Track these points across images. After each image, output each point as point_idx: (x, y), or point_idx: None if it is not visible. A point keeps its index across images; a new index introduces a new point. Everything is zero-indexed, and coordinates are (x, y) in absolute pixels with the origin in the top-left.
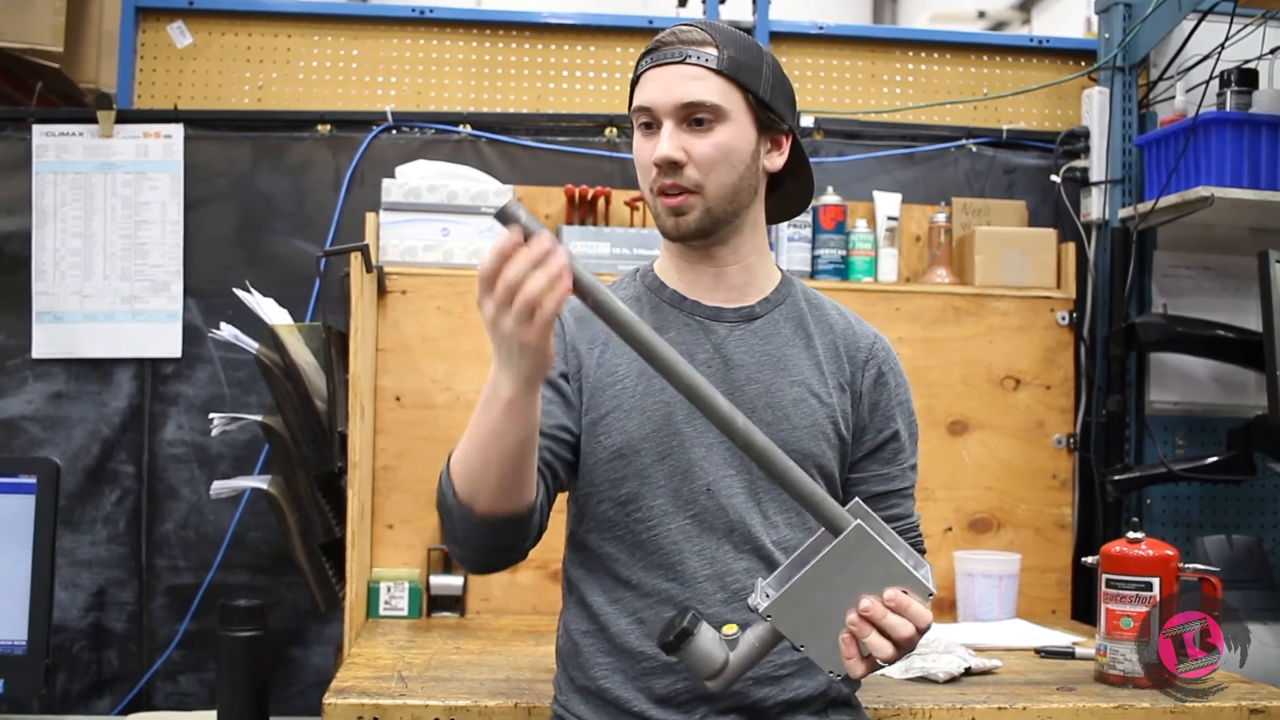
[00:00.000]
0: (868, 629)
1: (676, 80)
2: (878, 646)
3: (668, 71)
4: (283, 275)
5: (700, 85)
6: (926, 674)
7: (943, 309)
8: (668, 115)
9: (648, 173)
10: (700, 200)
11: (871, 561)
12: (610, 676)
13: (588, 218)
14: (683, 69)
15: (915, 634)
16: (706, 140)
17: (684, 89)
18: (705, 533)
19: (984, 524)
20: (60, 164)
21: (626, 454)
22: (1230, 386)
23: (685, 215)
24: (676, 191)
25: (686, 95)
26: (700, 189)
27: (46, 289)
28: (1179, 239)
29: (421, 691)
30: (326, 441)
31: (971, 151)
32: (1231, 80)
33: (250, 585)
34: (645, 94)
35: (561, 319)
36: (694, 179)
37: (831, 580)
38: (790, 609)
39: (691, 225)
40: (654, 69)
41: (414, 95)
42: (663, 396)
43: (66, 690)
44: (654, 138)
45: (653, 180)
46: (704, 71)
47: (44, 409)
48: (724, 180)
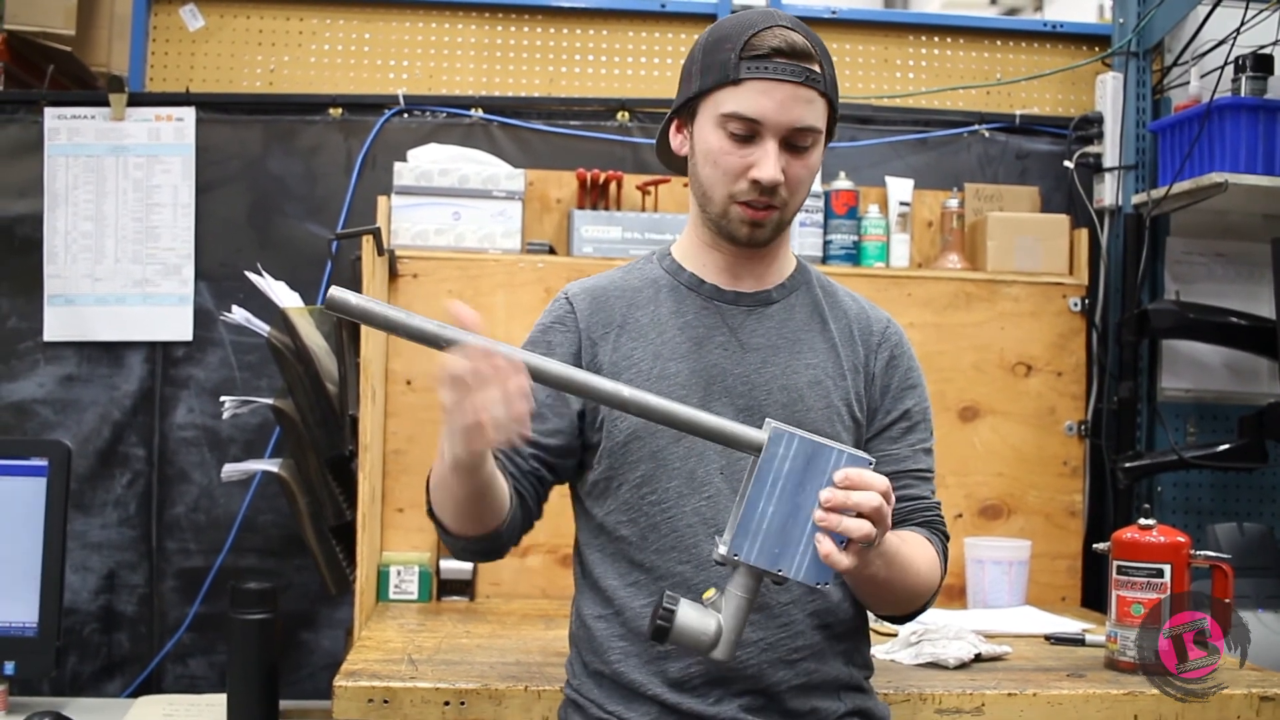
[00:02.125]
0: (836, 517)
1: (793, 101)
2: (854, 528)
3: (783, 89)
4: (294, 258)
5: (813, 110)
6: (937, 660)
7: (955, 295)
8: (776, 134)
9: (733, 179)
10: (780, 215)
11: (802, 458)
12: (625, 660)
13: (599, 202)
14: (800, 90)
15: (881, 501)
16: (802, 163)
17: (800, 113)
18: (720, 515)
19: (994, 510)
20: (72, 147)
21: (641, 437)
22: (1242, 374)
23: (763, 228)
24: (765, 207)
25: (802, 120)
26: (784, 206)
27: (58, 272)
28: (1192, 225)
29: (432, 674)
30: (338, 425)
31: (984, 137)
32: (1246, 66)
33: (260, 568)
34: (754, 105)
35: (575, 306)
36: (784, 198)
37: (775, 494)
38: (751, 541)
39: (767, 236)
40: (769, 81)
41: (426, 79)
42: (678, 380)
43: (77, 672)
44: (748, 146)
45: (740, 190)
46: (816, 95)
47: (55, 392)
48: (803, 197)
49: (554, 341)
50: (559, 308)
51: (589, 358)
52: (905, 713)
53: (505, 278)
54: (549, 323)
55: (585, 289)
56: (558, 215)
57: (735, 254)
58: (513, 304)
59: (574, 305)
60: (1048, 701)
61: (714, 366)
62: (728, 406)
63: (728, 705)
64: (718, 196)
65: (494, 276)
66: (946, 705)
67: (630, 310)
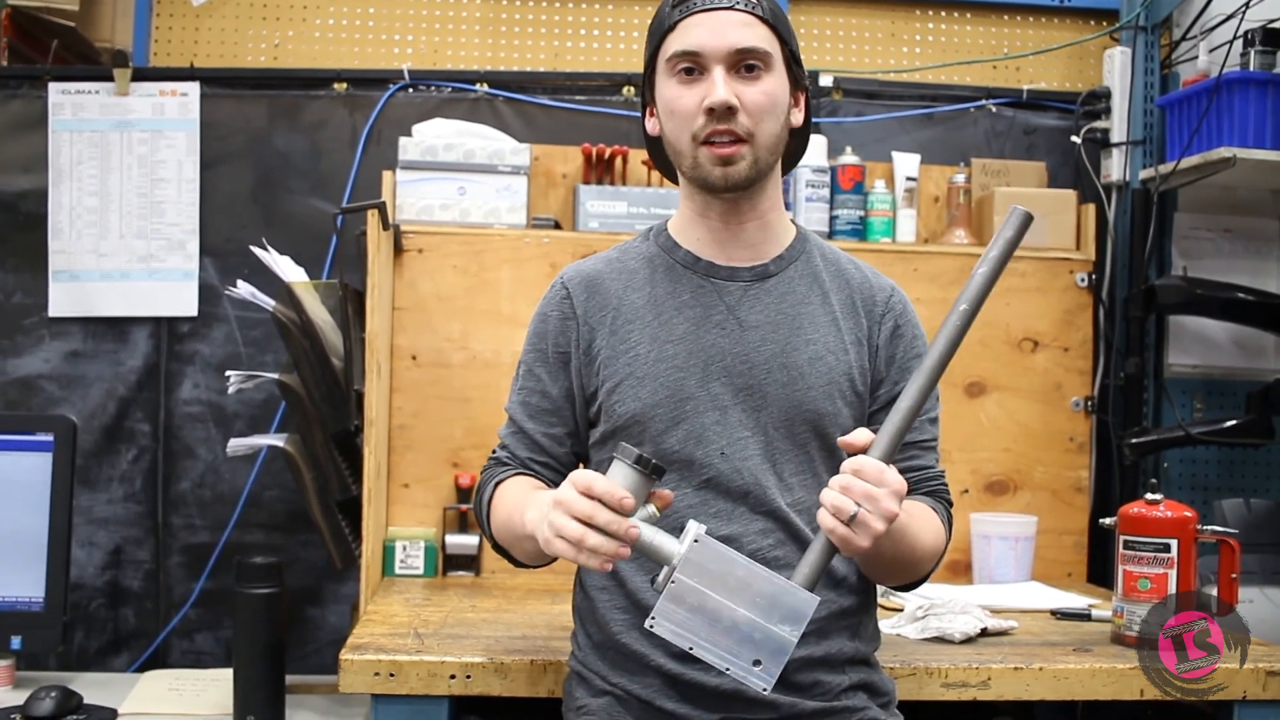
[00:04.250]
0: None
1: (728, 25)
2: (868, 518)
3: (716, 16)
4: (299, 233)
5: (752, 32)
6: (943, 634)
7: (961, 270)
8: (719, 60)
9: (690, 120)
10: (750, 150)
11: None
12: (627, 632)
13: (605, 177)
14: (732, 15)
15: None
16: (757, 88)
17: (737, 34)
18: (720, 496)
19: (1001, 486)
20: (76, 122)
21: (641, 420)
22: (1250, 350)
23: (735, 165)
24: (729, 139)
25: (741, 40)
26: (751, 138)
27: (63, 248)
28: (1200, 201)
29: (438, 648)
30: (343, 400)
31: (991, 112)
32: (1256, 40)
33: (266, 544)
34: (691, 38)
35: (571, 292)
36: (746, 127)
37: None
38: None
39: (741, 174)
40: (699, 14)
41: (431, 53)
42: (675, 363)
43: (84, 648)
44: (697, 83)
45: (699, 127)
46: (753, 19)
47: (61, 368)
48: (771, 130)
49: (550, 330)
50: (555, 295)
51: (586, 344)
52: (911, 686)
53: (510, 253)
54: (547, 312)
55: (580, 274)
56: (563, 190)
57: (726, 214)
58: (518, 279)
59: (570, 292)
60: (1053, 675)
61: (712, 346)
62: (726, 386)
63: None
64: (684, 145)
65: (499, 252)
66: (953, 679)
67: (626, 293)
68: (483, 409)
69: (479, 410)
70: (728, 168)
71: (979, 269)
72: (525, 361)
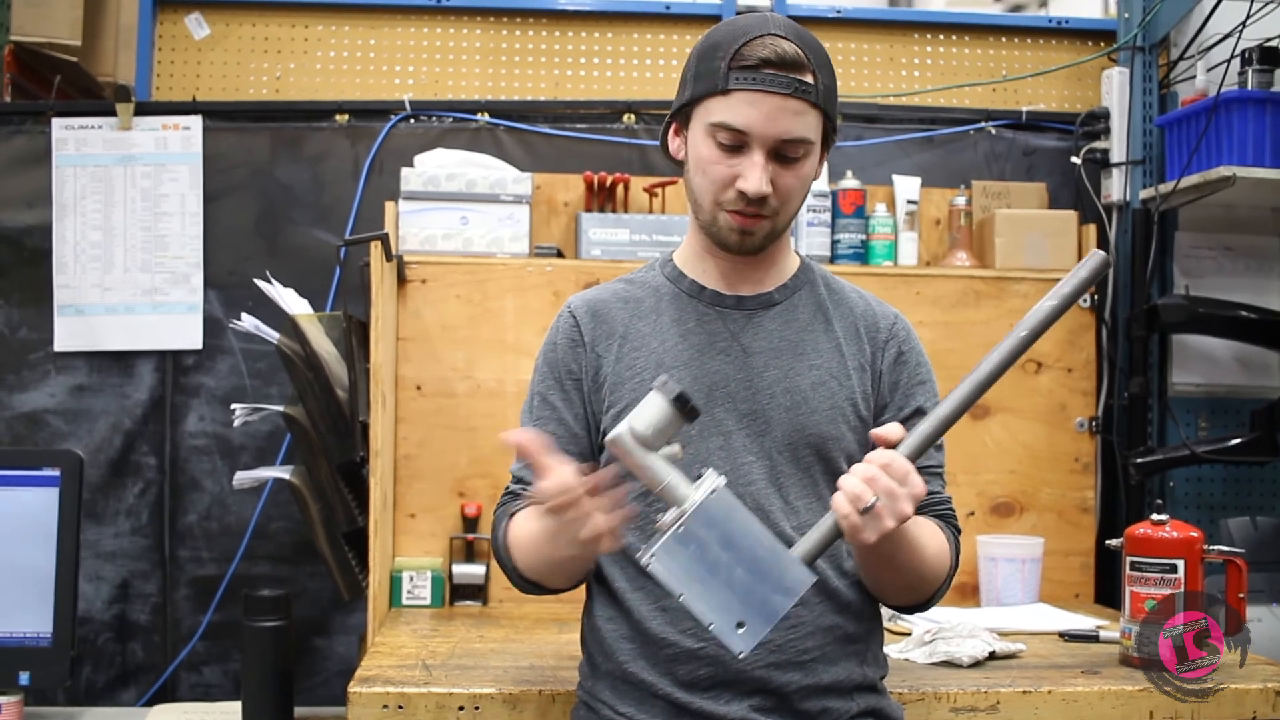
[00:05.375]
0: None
1: (780, 113)
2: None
3: (771, 100)
4: (303, 265)
5: (802, 122)
6: (951, 658)
7: (963, 292)
8: (763, 145)
9: (721, 189)
10: (770, 224)
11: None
12: (634, 661)
13: (606, 204)
14: (789, 102)
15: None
16: (792, 173)
17: (787, 125)
18: None
19: (1006, 508)
20: (80, 157)
21: None
22: (1253, 368)
23: (753, 236)
24: (754, 216)
25: (789, 132)
26: (775, 215)
27: (67, 282)
28: (1200, 220)
29: (446, 680)
30: (348, 431)
31: (991, 134)
32: (1253, 59)
33: (273, 575)
34: (741, 116)
35: (578, 319)
36: (774, 207)
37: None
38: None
39: (756, 244)
40: (756, 93)
41: (432, 84)
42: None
43: (91, 682)
44: (736, 158)
45: (727, 199)
46: (806, 106)
47: (66, 402)
48: (795, 207)
49: (561, 359)
50: (563, 323)
51: (594, 370)
52: (920, 712)
53: (514, 281)
54: (556, 340)
55: (587, 301)
56: (565, 218)
57: (732, 259)
58: (522, 308)
59: (577, 319)
60: (1063, 699)
61: (716, 373)
62: (730, 412)
63: (737, 705)
64: (706, 204)
65: (502, 280)
66: (961, 704)
67: (632, 320)
68: (488, 438)
69: (484, 439)
70: (745, 237)
71: (1047, 301)
72: (538, 392)
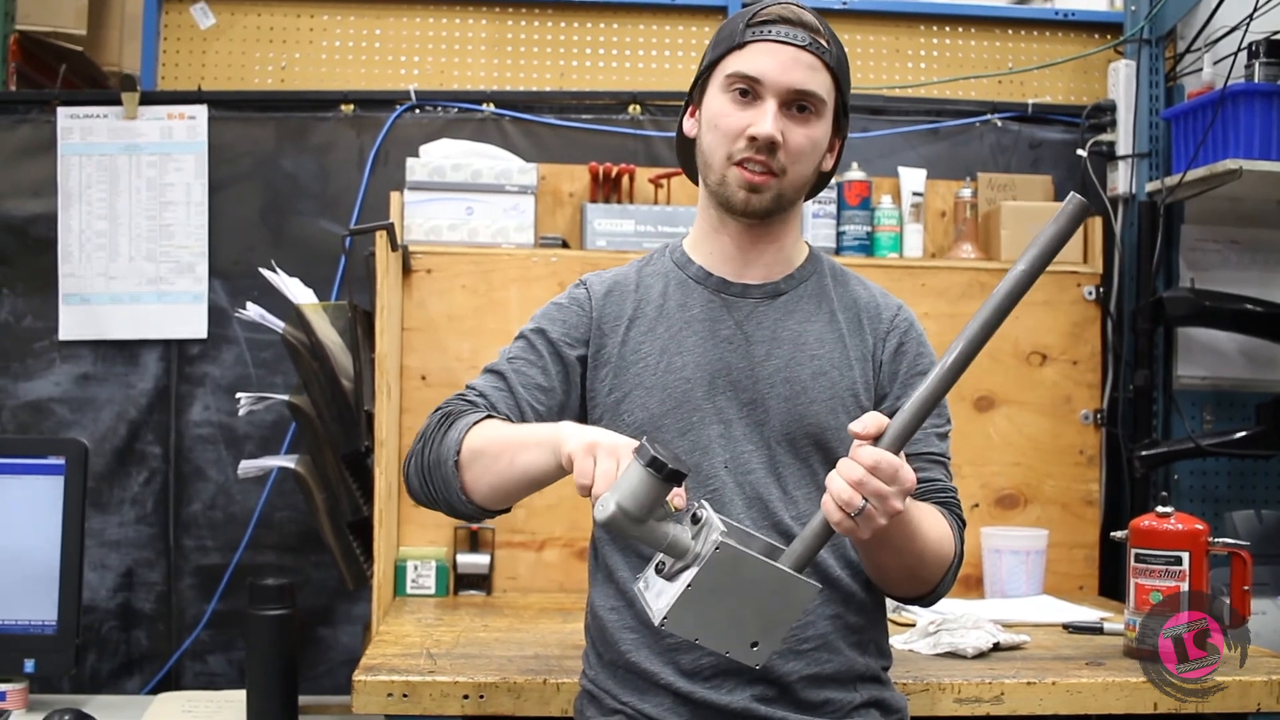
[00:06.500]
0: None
1: (794, 63)
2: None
3: (786, 51)
4: (308, 255)
5: (815, 76)
6: (955, 649)
7: (968, 284)
8: (775, 94)
9: (731, 140)
10: (778, 184)
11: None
12: (637, 650)
13: (612, 195)
14: (802, 54)
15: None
16: (803, 130)
17: (801, 75)
18: (724, 508)
19: (1011, 500)
20: (85, 146)
21: (647, 430)
22: (1259, 361)
23: (761, 194)
24: (763, 170)
25: (802, 82)
26: (783, 174)
27: (73, 271)
28: (1206, 212)
29: (450, 669)
30: (353, 420)
31: (997, 126)
32: (1260, 52)
33: (278, 565)
34: (756, 64)
35: (591, 294)
36: (782, 164)
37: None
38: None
39: (764, 204)
40: (772, 43)
41: (437, 74)
42: (683, 374)
43: (96, 670)
44: (749, 108)
45: (738, 149)
46: (819, 63)
47: (71, 391)
48: (803, 172)
49: (566, 319)
50: (577, 293)
51: (597, 347)
52: (924, 702)
53: (519, 272)
54: (565, 302)
55: (602, 280)
56: (570, 209)
57: (741, 235)
58: (526, 298)
59: (590, 293)
60: (1067, 690)
61: (719, 360)
62: (732, 400)
63: (740, 695)
64: (717, 160)
65: (507, 271)
66: (965, 694)
67: (641, 305)
68: None
69: None
70: (752, 194)
71: (1019, 265)
72: (528, 335)
